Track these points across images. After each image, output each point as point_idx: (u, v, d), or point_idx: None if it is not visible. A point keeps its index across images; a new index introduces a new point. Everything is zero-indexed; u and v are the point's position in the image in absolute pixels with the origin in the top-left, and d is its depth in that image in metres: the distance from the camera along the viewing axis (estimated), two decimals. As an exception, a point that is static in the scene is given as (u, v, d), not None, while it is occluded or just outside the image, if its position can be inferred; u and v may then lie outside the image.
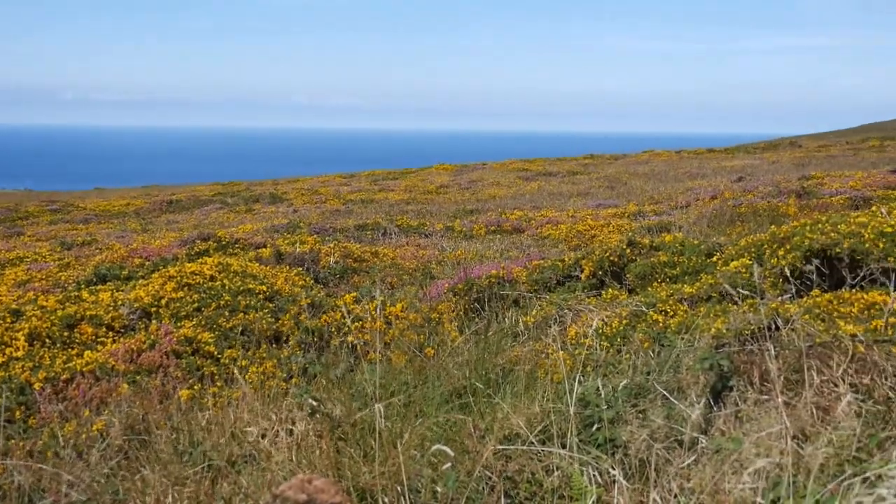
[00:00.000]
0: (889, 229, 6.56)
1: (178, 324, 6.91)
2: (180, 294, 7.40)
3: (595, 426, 3.95)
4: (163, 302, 7.34)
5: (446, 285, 8.67)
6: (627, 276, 8.16)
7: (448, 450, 3.35)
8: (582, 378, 4.57)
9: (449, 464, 3.51)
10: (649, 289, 7.34)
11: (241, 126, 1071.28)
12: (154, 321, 7.04)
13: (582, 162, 47.59)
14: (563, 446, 3.77)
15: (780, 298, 5.55)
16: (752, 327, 4.65)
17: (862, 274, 6.38)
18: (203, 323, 6.89)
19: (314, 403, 4.25)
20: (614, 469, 3.55)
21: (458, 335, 6.60)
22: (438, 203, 26.46)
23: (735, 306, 5.75)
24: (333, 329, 6.86)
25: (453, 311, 7.62)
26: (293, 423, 4.32)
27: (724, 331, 4.85)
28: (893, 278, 6.06)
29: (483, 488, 3.60)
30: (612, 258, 8.44)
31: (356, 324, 6.69)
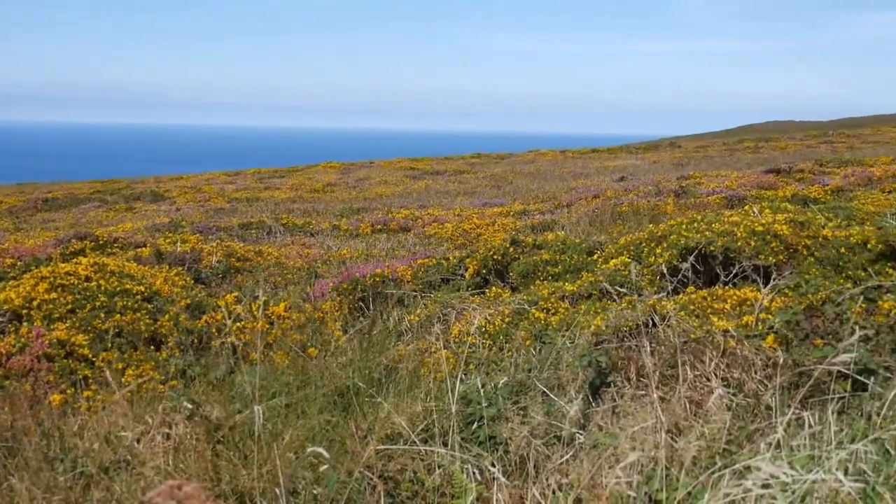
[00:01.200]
0: (760, 228, 6.79)
1: (51, 326, 6.66)
2: (53, 295, 7.13)
3: (477, 424, 3.97)
4: (35, 304, 7.07)
5: (331, 284, 8.61)
6: (511, 274, 8.25)
7: (324, 451, 3.31)
8: (464, 376, 4.59)
9: (327, 465, 3.48)
10: (532, 287, 7.43)
11: (121, 123, 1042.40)
12: (25, 324, 6.77)
13: (469, 161, 47.95)
14: (445, 445, 3.77)
15: (657, 295, 5.68)
16: (630, 324, 4.75)
17: (734, 271, 6.59)
18: (77, 325, 6.66)
19: (192, 406, 4.15)
20: (494, 466, 3.57)
21: (341, 335, 6.55)
22: (325, 201, 26.30)
23: (614, 303, 5.86)
24: (214, 330, 6.72)
25: (338, 311, 7.57)
26: (170, 427, 4.21)
27: (604, 328, 4.95)
28: (763, 275, 6.28)
29: (364, 488, 3.57)
30: (495, 257, 8.52)
31: (238, 324, 6.57)
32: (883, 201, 12.75)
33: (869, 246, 6.59)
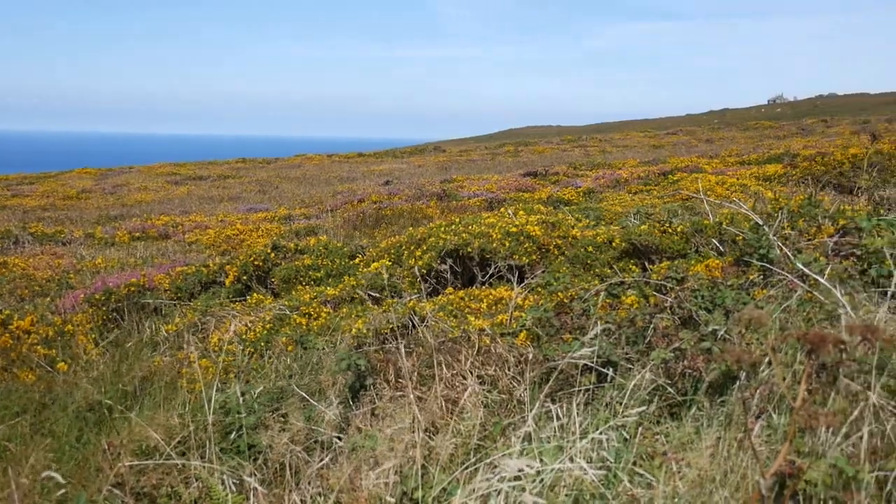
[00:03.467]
0: (514, 229, 7.04)
1: None
2: None
3: (236, 433, 3.90)
4: None
5: (83, 296, 8.20)
6: (273, 279, 8.15)
7: (58, 476, 3.13)
8: (224, 385, 4.49)
9: (68, 487, 3.30)
10: (294, 292, 7.37)
11: None
12: None
13: (234, 166, 47.07)
14: (203, 457, 3.67)
15: (416, 297, 5.78)
16: (390, 326, 4.80)
17: (491, 271, 6.80)
18: None
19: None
20: (253, 476, 3.51)
21: (94, 348, 6.26)
22: (80, 209, 25.08)
23: (375, 306, 5.91)
24: (-50, 348, 6.25)
25: (89, 323, 7.22)
26: None
27: (365, 331, 4.98)
28: (518, 274, 6.52)
29: (117, 507, 3.43)
30: (256, 262, 8.39)
31: (-23, 341, 6.14)
32: (629, 202, 13.55)
33: (614, 244, 6.97)
